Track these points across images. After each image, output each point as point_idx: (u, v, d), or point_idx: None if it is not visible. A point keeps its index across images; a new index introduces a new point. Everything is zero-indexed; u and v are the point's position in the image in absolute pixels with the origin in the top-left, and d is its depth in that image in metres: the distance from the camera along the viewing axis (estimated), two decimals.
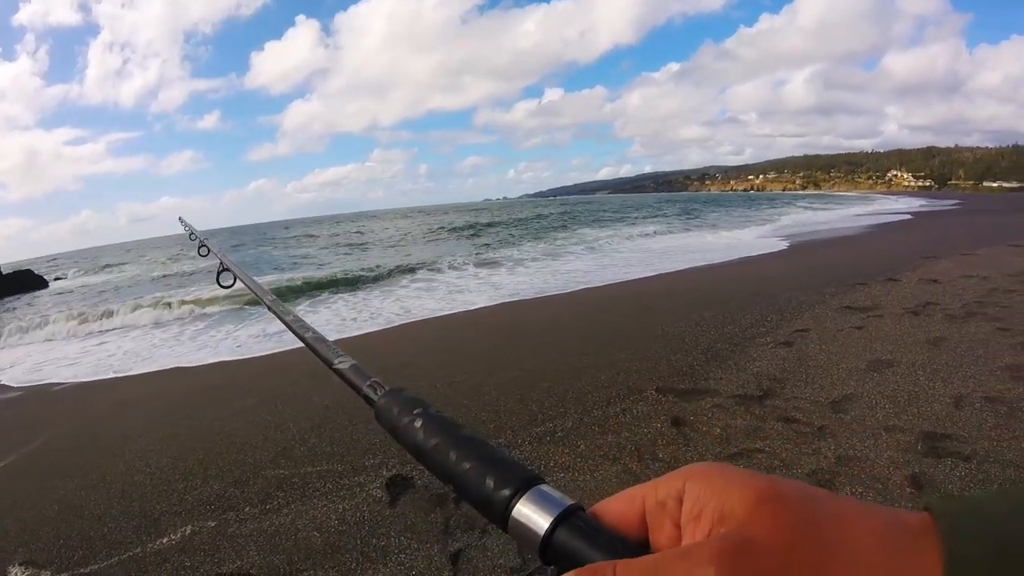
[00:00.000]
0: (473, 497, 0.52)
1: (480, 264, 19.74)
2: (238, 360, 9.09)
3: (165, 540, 3.85)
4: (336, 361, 0.83)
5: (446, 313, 11.33)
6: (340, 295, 15.59)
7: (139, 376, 9.21)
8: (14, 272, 34.02)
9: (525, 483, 0.49)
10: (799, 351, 6.00)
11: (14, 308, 24.40)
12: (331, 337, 0.98)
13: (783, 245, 18.41)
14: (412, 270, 19.38)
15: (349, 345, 9.18)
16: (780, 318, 7.35)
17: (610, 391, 5.42)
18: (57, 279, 40.46)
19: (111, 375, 9.48)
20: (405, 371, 6.84)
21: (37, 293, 30.39)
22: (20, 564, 3.84)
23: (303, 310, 13.43)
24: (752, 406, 4.73)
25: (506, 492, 0.49)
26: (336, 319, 12.17)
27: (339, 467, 4.50)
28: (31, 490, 5.01)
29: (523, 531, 0.47)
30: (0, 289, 30.31)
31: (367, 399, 0.73)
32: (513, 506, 0.48)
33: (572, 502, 0.46)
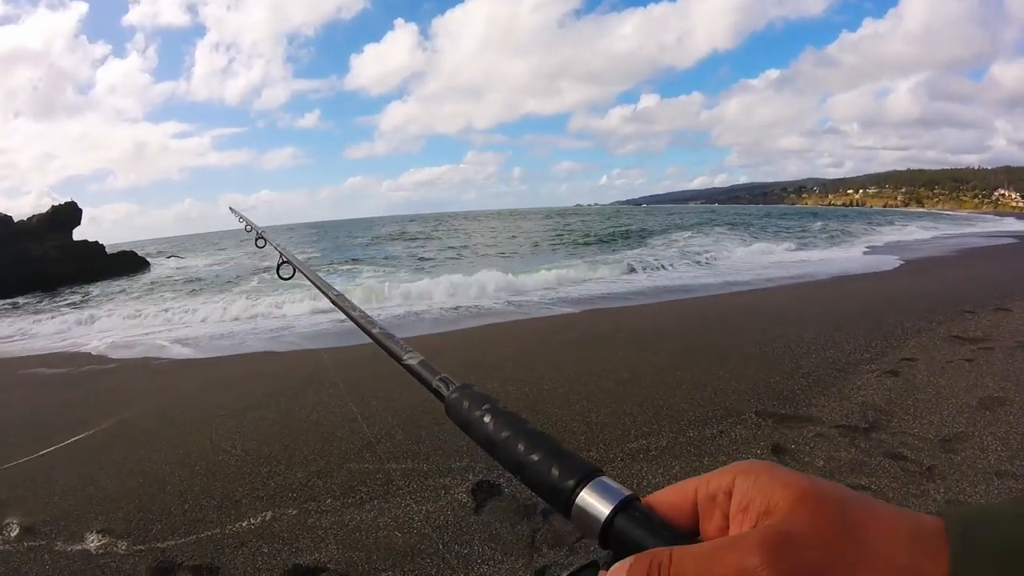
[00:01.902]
0: (540, 486, 0.55)
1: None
2: (331, 348, 9.16)
3: (244, 523, 3.82)
4: (405, 357, 0.86)
5: (536, 316, 11.19)
6: None
7: (233, 357, 9.45)
8: (119, 252, 35.63)
9: (587, 474, 0.52)
10: (906, 382, 5.59)
11: (119, 286, 25.52)
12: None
13: (883, 265, 17.55)
14: None
15: (436, 343, 9.13)
16: (885, 344, 6.88)
17: (706, 410, 5.14)
18: (171, 257, 42.32)
19: (205, 355, 9.75)
20: (494, 373, 6.71)
21: (138, 275, 31.67)
22: (98, 532, 3.88)
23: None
24: (857, 438, 4.39)
25: (570, 482, 0.52)
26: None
27: (424, 466, 4.38)
28: (117, 460, 5.10)
29: (585, 518, 0.50)
30: (104, 268, 31.85)
31: (437, 393, 0.76)
32: (577, 495, 0.51)
33: (630, 492, 0.50)
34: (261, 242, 2.58)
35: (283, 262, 1.95)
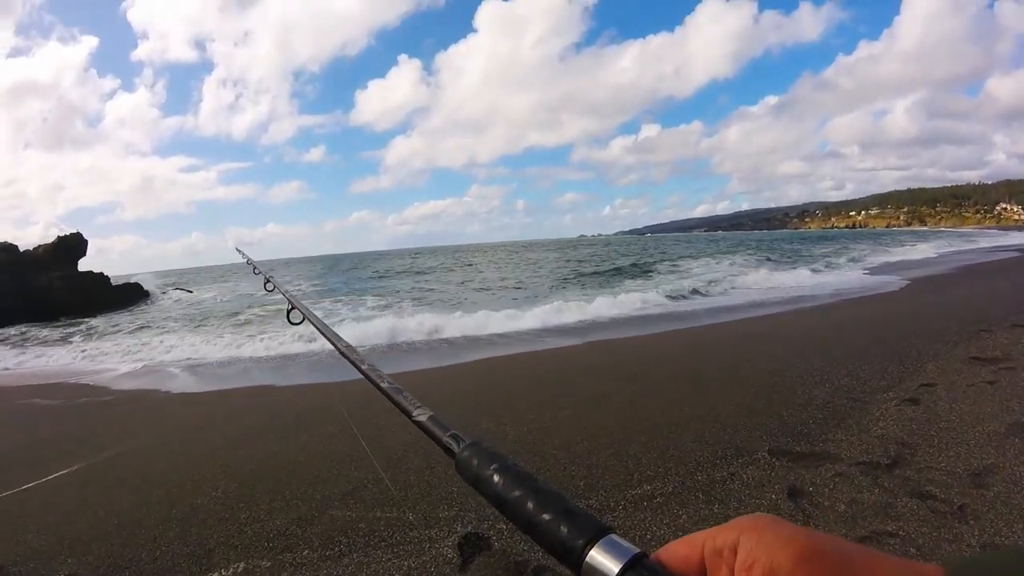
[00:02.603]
0: (550, 544, 0.57)
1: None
2: (327, 383, 8.93)
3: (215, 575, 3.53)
4: (415, 412, 0.89)
5: (536, 349, 10.95)
6: None
7: (227, 392, 9.27)
8: (123, 284, 35.76)
9: (597, 532, 0.54)
10: (927, 410, 5.27)
11: (122, 318, 25.50)
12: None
13: (890, 285, 17.29)
14: None
15: (432, 376, 8.91)
16: (902, 370, 6.57)
17: (715, 450, 4.82)
18: (177, 289, 42.49)
19: (199, 388, 9.55)
20: (491, 412, 6.44)
21: (141, 307, 31.68)
22: None
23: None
24: (880, 476, 4.06)
25: (580, 541, 0.54)
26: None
27: (410, 516, 4.07)
28: (96, 498, 4.90)
29: (595, 574, 0.52)
30: (108, 299, 31.90)
31: (448, 450, 0.77)
32: (587, 553, 0.53)
33: (639, 550, 0.52)
34: (270, 286, 2.61)
35: (291, 308, 1.98)
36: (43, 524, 4.46)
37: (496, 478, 0.66)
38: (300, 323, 1.94)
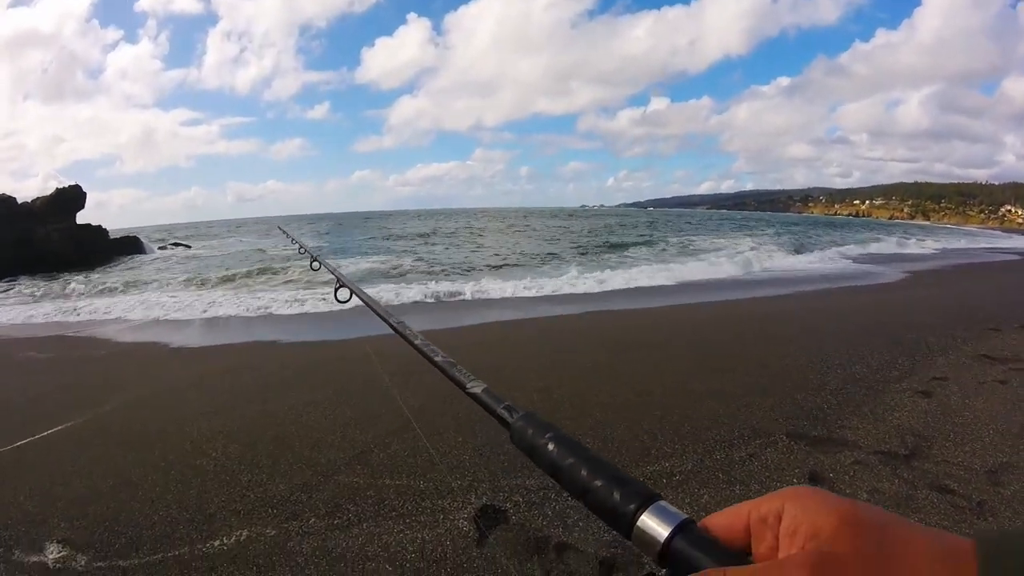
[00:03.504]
0: (602, 509, 0.58)
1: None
2: (334, 341, 8.82)
3: (216, 543, 3.39)
4: (469, 385, 0.90)
5: (543, 316, 10.83)
6: None
7: (227, 347, 9.14)
8: (122, 237, 35.56)
9: (647, 499, 0.56)
10: (941, 403, 5.19)
11: (120, 270, 25.39)
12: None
13: (896, 275, 17.25)
14: None
15: (438, 338, 8.81)
16: (912, 362, 6.48)
17: (732, 429, 4.70)
18: (176, 244, 42.36)
19: (199, 343, 9.43)
20: (498, 376, 6.29)
21: (140, 260, 31.55)
22: (58, 542, 3.51)
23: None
24: (899, 467, 3.97)
25: (631, 506, 0.55)
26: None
27: (421, 484, 3.93)
28: (91, 457, 4.75)
29: (645, 539, 0.54)
30: (106, 252, 31.78)
31: (501, 420, 0.79)
32: (637, 518, 0.54)
33: (686, 516, 0.53)
34: (316, 264, 2.59)
35: (340, 286, 1.95)
36: (35, 485, 4.30)
37: (551, 447, 0.68)
38: (347, 301, 1.93)
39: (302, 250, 3.05)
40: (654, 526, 0.53)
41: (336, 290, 1.96)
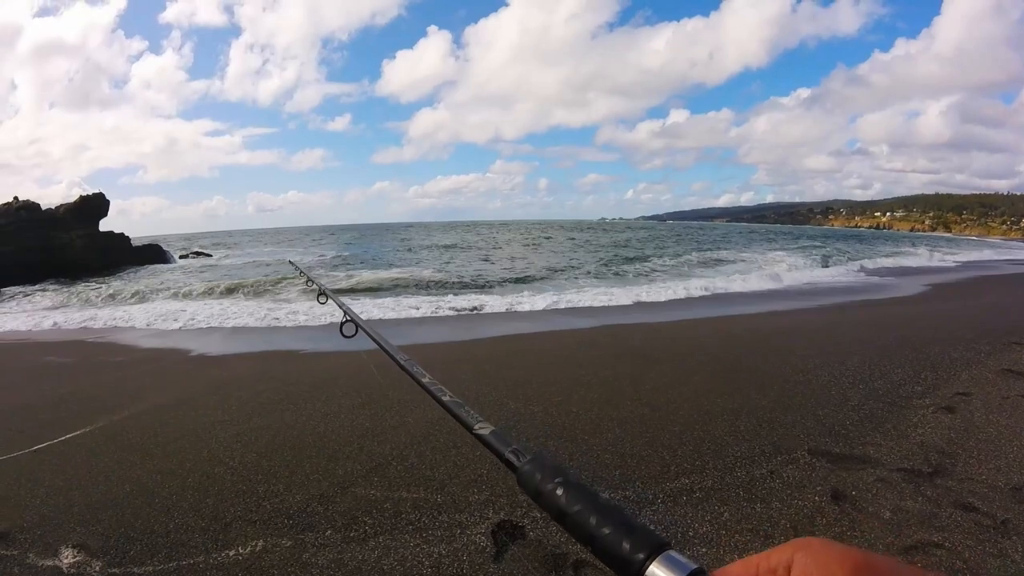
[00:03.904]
0: (610, 558, 0.57)
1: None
2: (353, 351, 8.89)
3: (232, 552, 3.38)
4: (476, 427, 0.88)
5: (555, 329, 10.81)
6: None
7: (246, 355, 9.21)
8: (144, 245, 35.93)
9: (656, 548, 0.54)
10: (964, 419, 5.11)
11: (141, 278, 25.63)
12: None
13: (917, 288, 17.18)
14: None
15: (457, 351, 8.78)
16: (935, 377, 6.41)
17: (752, 446, 4.65)
18: (197, 253, 42.72)
19: (217, 351, 9.49)
20: (517, 391, 6.27)
21: (162, 268, 31.83)
22: (73, 547, 3.51)
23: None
24: (922, 485, 3.91)
25: (640, 555, 0.54)
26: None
27: (438, 498, 3.90)
28: (108, 463, 4.76)
29: None
30: (128, 259, 32.14)
31: (509, 464, 0.77)
32: (646, 568, 0.53)
33: (697, 566, 0.52)
34: (323, 298, 2.53)
35: (347, 320, 1.94)
36: (52, 488, 4.31)
37: (559, 492, 0.66)
38: (354, 335, 1.89)
39: (310, 283, 3.03)
40: None
41: (342, 325, 1.95)
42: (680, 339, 9.59)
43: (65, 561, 3.37)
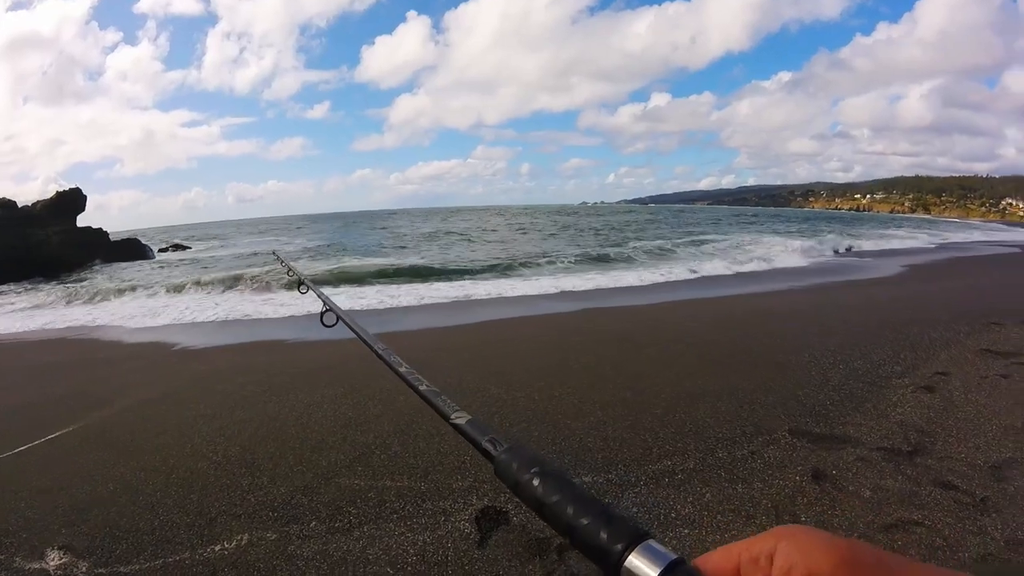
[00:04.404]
0: (589, 548, 0.56)
1: None
2: (335, 340, 8.87)
3: (217, 547, 3.38)
4: (453, 416, 0.87)
5: (539, 313, 10.88)
6: None
7: (228, 347, 9.18)
8: (122, 240, 35.51)
9: (636, 538, 0.53)
10: (944, 399, 5.18)
11: (120, 274, 25.42)
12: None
13: (897, 269, 17.37)
14: None
15: (440, 337, 8.77)
16: (914, 356, 6.49)
17: (734, 427, 4.69)
18: (175, 247, 42.33)
19: (200, 345, 9.46)
20: (500, 378, 6.28)
21: (141, 263, 31.53)
22: (59, 548, 3.49)
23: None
24: (902, 464, 3.96)
25: (619, 545, 0.53)
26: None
27: (422, 485, 3.93)
28: (92, 462, 4.73)
29: None
30: (107, 255, 31.79)
31: (485, 453, 0.76)
32: (625, 558, 0.52)
33: (677, 556, 0.50)
34: (304, 288, 2.51)
35: (326, 310, 1.92)
36: (38, 490, 4.28)
37: (535, 482, 0.65)
38: (334, 325, 1.88)
39: (291, 273, 3.01)
40: (642, 566, 0.51)
41: (322, 315, 1.93)
42: (662, 323, 9.65)
43: (52, 563, 3.35)
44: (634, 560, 0.51)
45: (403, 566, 3.10)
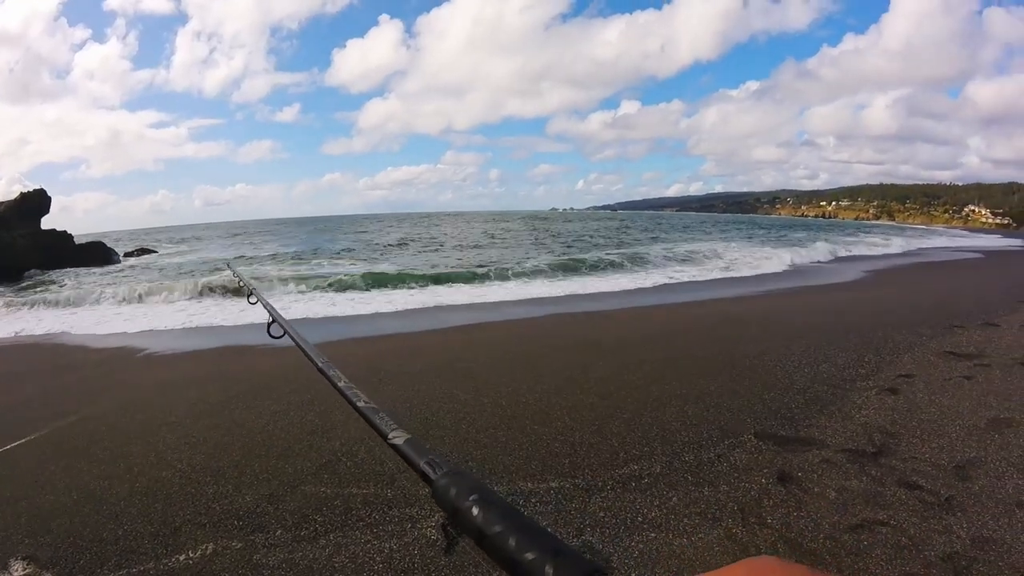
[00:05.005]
0: None
1: None
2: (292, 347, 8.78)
3: (182, 557, 3.34)
4: (391, 435, 0.82)
5: (508, 319, 10.89)
6: None
7: (194, 353, 9.09)
8: (88, 243, 34.92)
9: (589, 574, 0.48)
10: (907, 400, 5.29)
11: (86, 277, 25.02)
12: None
13: (861, 274, 17.70)
14: None
15: (409, 342, 8.74)
16: (879, 359, 6.62)
17: (700, 431, 4.75)
18: (141, 250, 41.65)
19: (166, 350, 9.32)
20: (468, 383, 6.30)
21: (106, 267, 31.03)
22: (22, 559, 3.43)
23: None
24: (867, 465, 4.04)
25: None
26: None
27: (388, 492, 3.91)
28: (54, 471, 4.65)
29: None
30: (72, 258, 31.24)
31: (424, 476, 0.71)
32: None
33: None
34: (253, 299, 2.47)
35: (272, 322, 1.90)
36: None
37: (475, 511, 0.62)
38: (281, 337, 1.85)
39: (241, 283, 2.99)
40: None
41: (268, 326, 1.92)
42: (629, 327, 9.70)
43: (15, 574, 3.30)
44: None
45: (370, 574, 3.10)
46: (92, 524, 3.77)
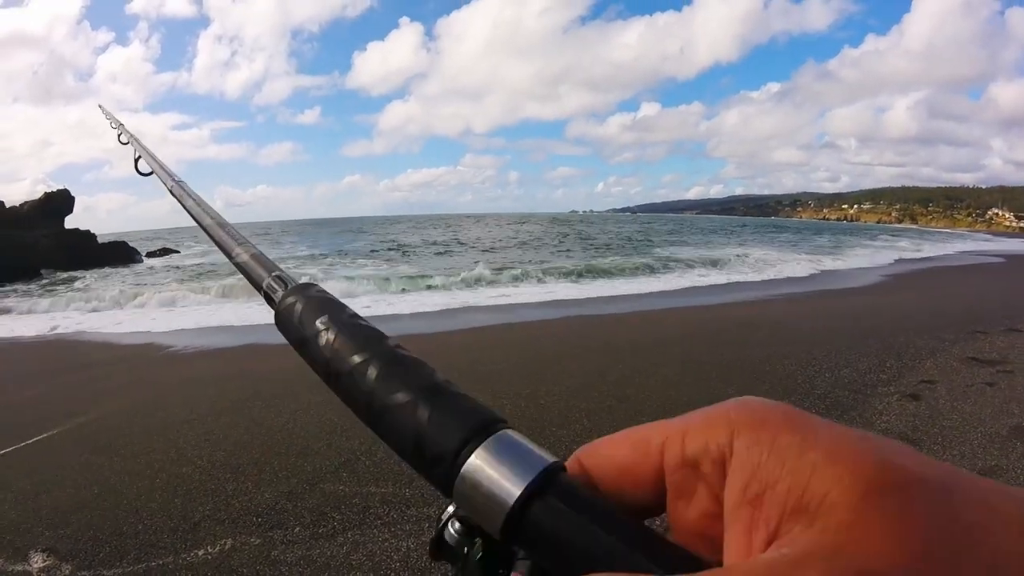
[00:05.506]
0: (403, 445, 0.35)
1: None
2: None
3: (201, 552, 3.37)
4: (236, 251, 0.63)
5: (527, 320, 10.91)
6: None
7: (216, 352, 9.20)
8: (111, 242, 35.25)
9: (483, 427, 0.32)
10: (929, 407, 5.23)
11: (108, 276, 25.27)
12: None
13: (882, 279, 17.64)
14: None
15: (429, 343, 8.77)
16: (900, 365, 6.54)
17: None
18: (164, 250, 42.05)
19: (187, 348, 9.41)
20: (488, 384, 6.30)
21: (129, 266, 31.32)
22: (43, 551, 3.48)
23: None
24: None
25: (454, 439, 0.32)
26: None
27: (407, 492, 3.92)
28: (76, 466, 4.70)
29: (478, 499, 0.31)
30: (95, 257, 31.55)
31: (269, 299, 0.52)
32: (464, 460, 0.31)
33: (554, 459, 0.31)
34: (124, 137, 2.11)
35: (139, 157, 1.58)
36: (20, 493, 4.26)
37: (328, 335, 0.42)
38: (150, 174, 1.50)
39: (113, 124, 2.79)
40: (495, 476, 0.31)
41: (136, 161, 1.58)
42: (648, 331, 9.67)
43: (35, 566, 3.34)
44: (480, 465, 0.31)
45: (387, 572, 3.11)
46: (112, 518, 3.80)
